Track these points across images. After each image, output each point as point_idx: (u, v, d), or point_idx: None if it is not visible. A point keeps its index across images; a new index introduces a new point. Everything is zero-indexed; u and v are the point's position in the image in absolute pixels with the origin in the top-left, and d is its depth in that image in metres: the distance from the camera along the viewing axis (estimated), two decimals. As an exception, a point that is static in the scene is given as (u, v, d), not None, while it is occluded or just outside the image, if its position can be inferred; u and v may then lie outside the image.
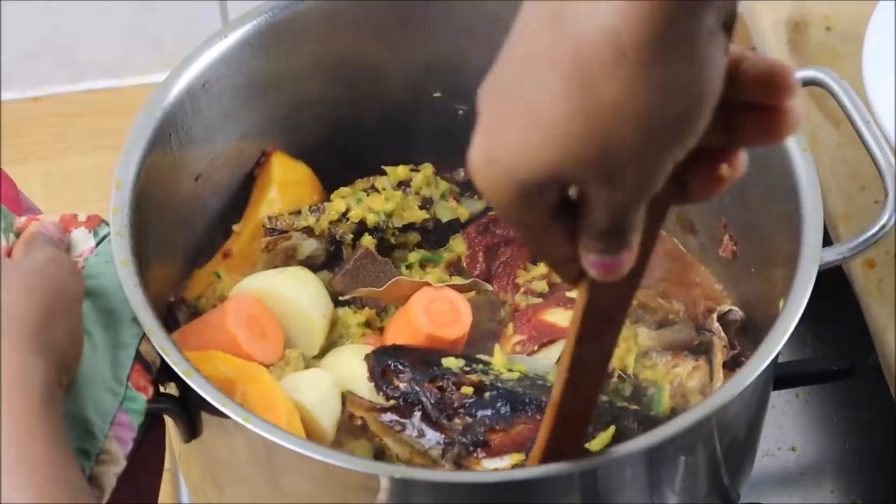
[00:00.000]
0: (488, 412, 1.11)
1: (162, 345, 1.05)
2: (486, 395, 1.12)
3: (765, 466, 1.36)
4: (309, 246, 1.27)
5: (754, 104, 0.81)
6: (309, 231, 1.26)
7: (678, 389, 1.20)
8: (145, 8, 1.63)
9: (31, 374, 0.92)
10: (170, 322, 1.23)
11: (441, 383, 1.12)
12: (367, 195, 1.27)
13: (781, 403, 1.40)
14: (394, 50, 1.30)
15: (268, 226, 1.26)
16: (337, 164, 1.31)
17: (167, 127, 1.18)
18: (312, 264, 1.27)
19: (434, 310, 1.20)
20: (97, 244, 1.11)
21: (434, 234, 1.30)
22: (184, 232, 1.25)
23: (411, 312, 1.20)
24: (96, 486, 1.02)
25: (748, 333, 1.23)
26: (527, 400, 1.12)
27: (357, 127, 1.33)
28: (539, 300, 1.24)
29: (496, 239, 1.28)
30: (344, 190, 1.28)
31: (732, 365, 1.21)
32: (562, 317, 1.21)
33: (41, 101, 1.68)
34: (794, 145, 1.16)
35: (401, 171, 1.30)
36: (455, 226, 1.30)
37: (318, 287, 1.23)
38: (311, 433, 1.15)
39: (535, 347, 1.19)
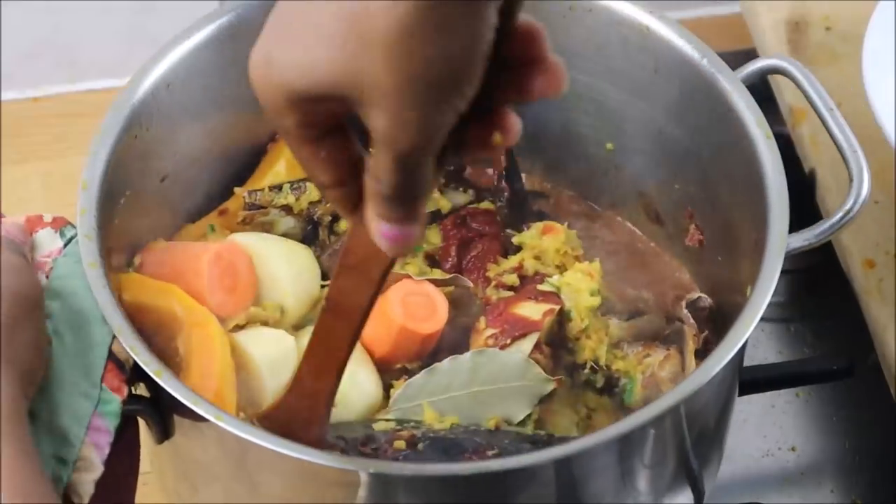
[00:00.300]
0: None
1: (131, 345, 1.05)
2: (420, 446, 1.11)
3: (765, 466, 1.36)
4: (286, 223, 1.27)
5: (513, 61, 0.83)
6: (287, 209, 1.26)
7: (650, 380, 1.20)
8: (145, 8, 1.63)
9: None
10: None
11: (374, 445, 1.11)
12: None
13: (781, 403, 1.40)
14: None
15: (247, 200, 1.26)
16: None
17: (132, 127, 1.18)
18: None
19: (410, 303, 1.19)
20: (65, 244, 1.10)
21: None
22: (153, 234, 1.23)
23: (387, 304, 1.19)
24: (74, 492, 1.01)
25: (717, 322, 1.23)
26: (461, 445, 1.11)
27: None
28: (510, 293, 1.24)
29: (471, 233, 1.28)
30: None
31: (704, 354, 1.22)
32: (533, 310, 1.20)
33: (41, 101, 1.68)
34: (757, 133, 1.17)
35: None
36: (435, 217, 1.30)
37: (308, 265, 1.22)
38: (251, 390, 1.14)
39: (508, 341, 1.18)
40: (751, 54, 1.45)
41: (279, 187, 1.26)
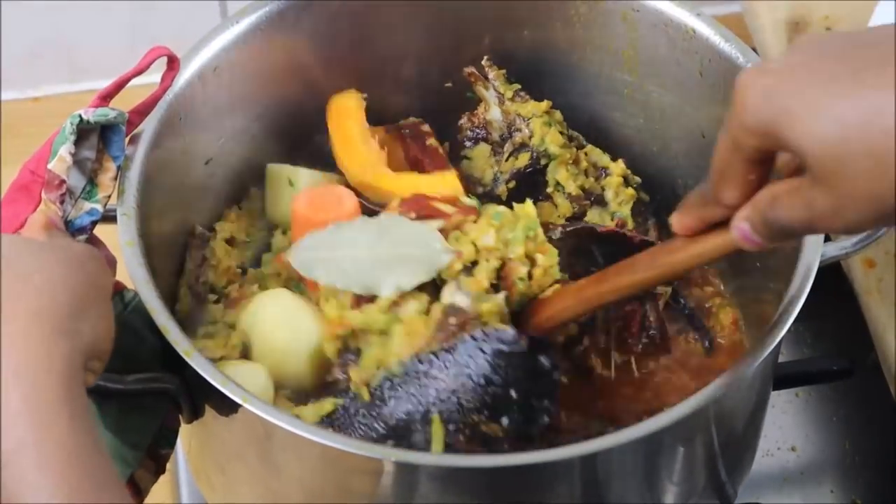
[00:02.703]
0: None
1: (164, 325, 1.05)
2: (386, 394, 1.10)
3: (765, 466, 1.36)
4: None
5: None
6: None
7: None
8: (145, 7, 1.63)
9: (57, 357, 0.91)
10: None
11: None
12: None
13: (781, 403, 1.40)
14: (405, 40, 1.31)
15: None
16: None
17: (177, 109, 1.19)
18: None
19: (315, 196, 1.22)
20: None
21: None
22: (192, 215, 1.25)
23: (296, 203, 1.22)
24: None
25: (751, 327, 1.23)
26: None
27: (370, 113, 1.33)
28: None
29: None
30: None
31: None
32: (449, 208, 1.18)
33: (41, 101, 1.68)
34: None
35: None
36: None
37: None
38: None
39: (413, 215, 1.16)
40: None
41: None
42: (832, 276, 1.36)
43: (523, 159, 1.28)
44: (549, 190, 1.29)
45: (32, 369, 0.90)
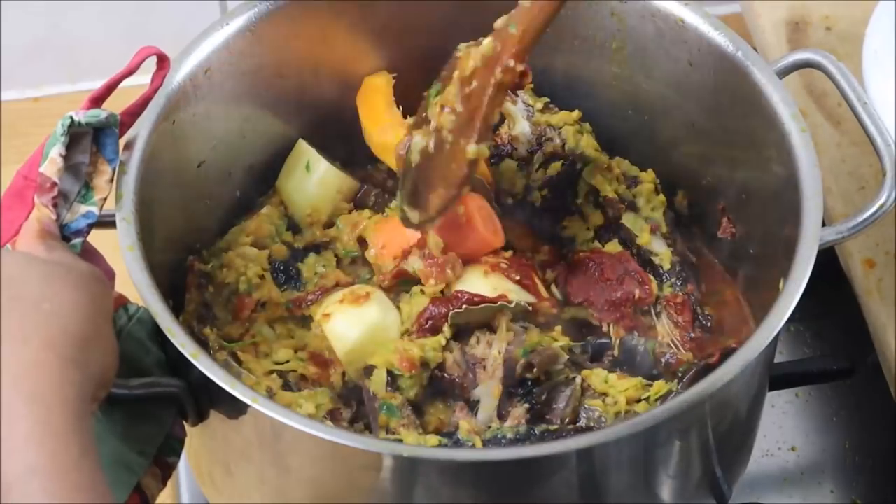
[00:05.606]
0: None
1: (168, 327, 1.05)
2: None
3: (765, 466, 1.36)
4: None
5: None
6: None
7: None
8: (145, 8, 1.63)
9: (68, 386, 0.92)
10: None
11: None
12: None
13: (781, 403, 1.40)
14: (393, 41, 1.31)
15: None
16: (340, 149, 1.33)
17: (170, 113, 1.19)
18: None
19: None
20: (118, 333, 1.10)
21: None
22: (189, 218, 1.25)
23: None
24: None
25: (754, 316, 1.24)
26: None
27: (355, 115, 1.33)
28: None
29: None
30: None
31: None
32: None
33: (41, 101, 1.68)
34: (792, 126, 1.17)
35: None
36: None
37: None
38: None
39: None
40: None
41: None
42: (833, 276, 1.36)
43: (555, 168, 1.29)
44: (580, 201, 1.29)
45: (46, 397, 0.91)
